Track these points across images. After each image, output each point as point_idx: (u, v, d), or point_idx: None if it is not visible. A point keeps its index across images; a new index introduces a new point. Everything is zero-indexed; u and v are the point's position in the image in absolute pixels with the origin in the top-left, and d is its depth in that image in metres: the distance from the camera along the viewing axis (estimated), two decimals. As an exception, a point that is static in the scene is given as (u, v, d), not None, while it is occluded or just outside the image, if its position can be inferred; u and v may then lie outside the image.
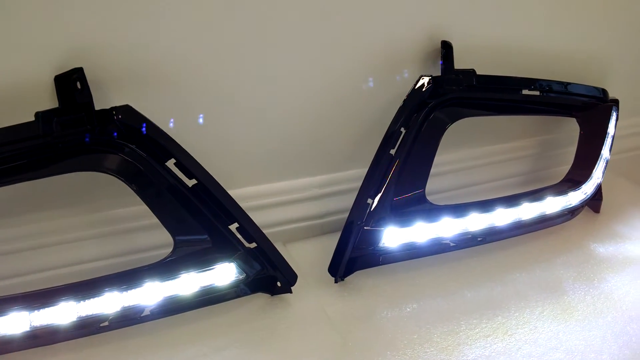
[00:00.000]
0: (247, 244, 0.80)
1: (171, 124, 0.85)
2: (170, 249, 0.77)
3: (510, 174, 1.14)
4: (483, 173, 1.11)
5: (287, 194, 0.97)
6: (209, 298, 0.80)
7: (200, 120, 0.84)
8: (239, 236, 0.80)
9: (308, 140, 0.95)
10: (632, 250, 1.02)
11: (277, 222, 0.97)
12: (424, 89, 0.89)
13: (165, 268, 0.76)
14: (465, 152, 1.08)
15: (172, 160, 0.75)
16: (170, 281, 0.76)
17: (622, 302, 0.89)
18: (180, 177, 0.76)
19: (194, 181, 0.76)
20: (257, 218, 0.93)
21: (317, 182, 0.99)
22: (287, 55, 0.86)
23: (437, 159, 1.03)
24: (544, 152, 1.17)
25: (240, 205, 0.91)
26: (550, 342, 0.81)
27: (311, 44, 0.87)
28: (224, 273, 0.80)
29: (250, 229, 0.80)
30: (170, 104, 0.82)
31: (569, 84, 1.03)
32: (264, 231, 0.94)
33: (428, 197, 0.92)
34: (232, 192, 0.92)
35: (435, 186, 1.06)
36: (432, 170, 1.03)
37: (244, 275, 0.81)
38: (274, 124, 0.91)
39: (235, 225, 0.79)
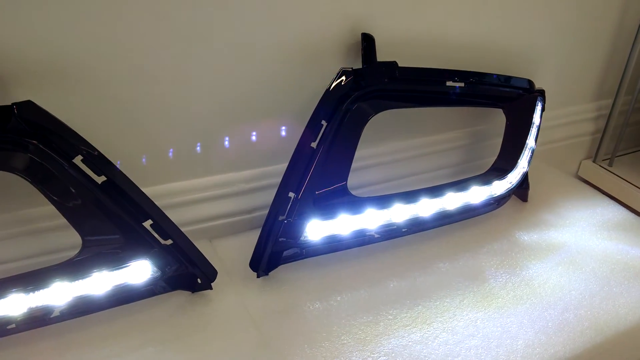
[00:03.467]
0: (162, 241, 0.79)
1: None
2: (85, 248, 0.76)
3: (439, 165, 1.15)
4: (412, 165, 1.12)
5: (213, 190, 0.96)
6: (124, 297, 0.79)
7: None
8: (154, 233, 0.78)
9: (233, 135, 0.94)
10: (555, 237, 1.04)
11: (203, 219, 0.96)
12: (344, 82, 0.89)
13: (75, 267, 0.74)
14: (394, 144, 1.09)
15: (80, 157, 0.73)
16: (80, 281, 0.74)
17: (542, 289, 0.91)
18: (89, 174, 0.74)
19: (103, 178, 0.75)
20: (182, 215, 0.93)
21: (244, 177, 0.98)
22: (206, 49, 0.85)
23: (365, 152, 1.04)
24: (473, 144, 1.18)
25: (163, 201, 0.90)
26: (467, 329, 0.82)
27: (233, 37, 0.85)
28: (139, 271, 0.78)
29: (165, 226, 0.78)
30: (81, 100, 0.79)
31: (494, 75, 1.04)
32: (189, 228, 0.94)
33: (356, 191, 0.93)
34: (156, 189, 0.92)
35: (364, 179, 1.07)
36: (360, 164, 1.04)
37: (160, 272, 0.80)
38: (197, 119, 0.90)
39: (150, 222, 0.78)
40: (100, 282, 0.76)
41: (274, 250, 0.88)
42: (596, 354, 0.82)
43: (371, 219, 0.92)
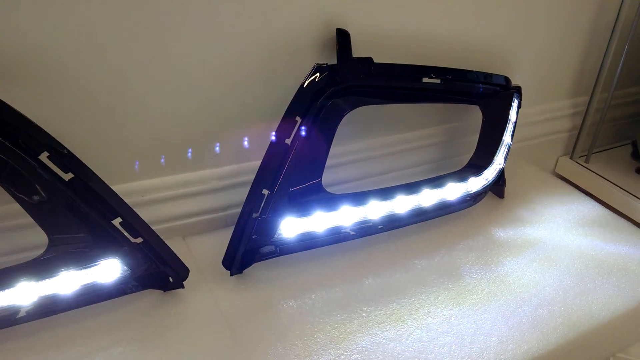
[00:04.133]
0: (132, 239, 0.78)
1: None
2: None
3: (415, 162, 1.15)
4: (388, 162, 1.11)
5: (186, 187, 0.95)
6: (92, 296, 0.77)
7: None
8: (124, 231, 0.77)
9: (206, 131, 0.93)
10: (531, 233, 1.04)
11: (176, 216, 0.95)
12: (318, 78, 0.88)
13: (41, 266, 0.72)
14: (370, 141, 1.08)
15: (46, 154, 0.71)
16: (47, 280, 0.73)
17: (516, 285, 0.91)
18: (56, 171, 0.72)
19: (70, 175, 0.73)
20: (155, 212, 0.92)
21: (218, 174, 0.97)
22: (179, 44, 0.83)
23: (341, 149, 1.03)
24: (450, 141, 1.18)
25: (136, 199, 0.90)
26: (441, 326, 0.82)
27: (206, 33, 0.84)
28: (108, 270, 0.76)
29: (134, 223, 0.77)
30: (50, 96, 0.78)
31: (470, 71, 1.04)
32: (163, 226, 0.93)
33: (332, 188, 0.92)
34: (129, 186, 0.90)
35: (340, 176, 1.06)
36: (336, 161, 1.03)
37: (130, 271, 0.78)
38: (170, 116, 0.88)
39: (119, 219, 0.76)
40: (67, 282, 0.74)
41: (248, 248, 0.87)
42: (569, 350, 0.83)
43: (346, 216, 0.91)
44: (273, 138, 0.86)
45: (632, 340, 0.97)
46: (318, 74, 0.88)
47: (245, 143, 0.96)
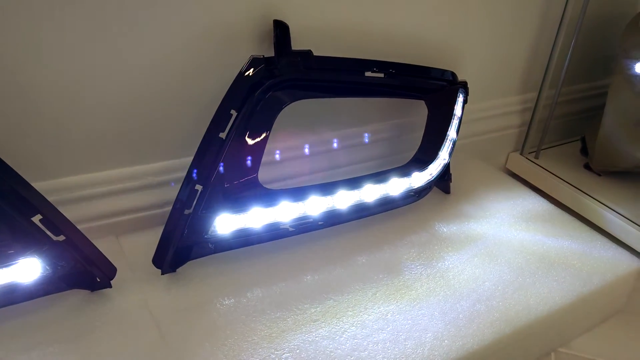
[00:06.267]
0: (54, 237, 0.74)
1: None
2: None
3: (362, 158, 1.13)
4: (332, 158, 1.09)
5: (119, 183, 0.91)
6: (11, 297, 0.74)
7: None
8: (44, 229, 0.73)
9: (140, 125, 0.89)
10: (474, 228, 1.04)
11: (109, 214, 0.91)
12: (254, 71, 0.86)
13: (-48, 267, 0.69)
14: (314, 137, 1.06)
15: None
16: (-42, 281, 0.69)
17: (456, 280, 0.90)
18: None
19: (-17, 170, 0.69)
20: (86, 209, 0.89)
21: (153, 170, 0.94)
22: (110, 37, 0.80)
23: (284, 144, 1.01)
24: (397, 137, 1.17)
25: (66, 195, 0.87)
26: (377, 323, 0.80)
27: (138, 25, 0.81)
28: (27, 269, 0.73)
29: (56, 221, 0.73)
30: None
31: (414, 66, 1.03)
32: (95, 224, 0.90)
33: (273, 185, 0.90)
34: (58, 182, 0.87)
35: (282, 172, 1.04)
36: (277, 157, 1.01)
37: (51, 270, 0.75)
38: (101, 109, 0.85)
39: (39, 217, 0.73)
40: (-18, 282, 0.71)
41: (180, 246, 0.84)
42: (506, 344, 0.82)
43: (285, 212, 0.89)
44: (207, 132, 0.84)
45: (573, 335, 0.97)
46: (253, 67, 0.85)
47: (182, 137, 0.94)
